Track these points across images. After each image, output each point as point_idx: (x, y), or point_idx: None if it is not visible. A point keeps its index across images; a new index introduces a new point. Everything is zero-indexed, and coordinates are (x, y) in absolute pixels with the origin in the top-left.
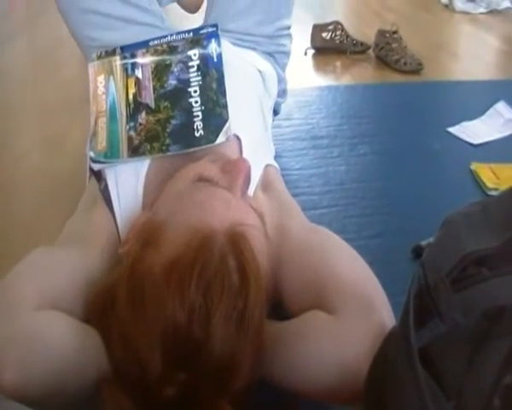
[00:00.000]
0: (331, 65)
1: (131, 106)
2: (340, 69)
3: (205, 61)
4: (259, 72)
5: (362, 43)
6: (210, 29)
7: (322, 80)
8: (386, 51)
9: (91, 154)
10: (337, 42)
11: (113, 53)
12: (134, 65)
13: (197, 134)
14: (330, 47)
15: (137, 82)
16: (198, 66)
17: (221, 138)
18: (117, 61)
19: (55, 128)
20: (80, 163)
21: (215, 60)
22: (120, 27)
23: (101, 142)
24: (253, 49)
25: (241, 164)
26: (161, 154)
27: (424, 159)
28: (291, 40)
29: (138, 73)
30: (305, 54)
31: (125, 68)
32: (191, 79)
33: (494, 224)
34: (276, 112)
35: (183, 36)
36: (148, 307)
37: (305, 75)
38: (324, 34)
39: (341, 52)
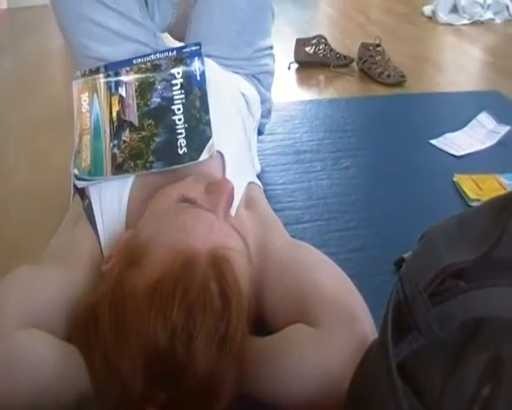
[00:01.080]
0: (315, 79)
1: (115, 124)
2: (323, 83)
3: (188, 79)
4: (243, 95)
5: (345, 57)
6: (193, 47)
7: (305, 94)
8: (369, 64)
9: (75, 171)
10: (320, 56)
11: (96, 71)
12: (118, 83)
13: (180, 151)
14: (314, 61)
15: (121, 100)
16: (181, 84)
17: (204, 155)
18: (101, 79)
19: (40, 145)
20: (65, 180)
21: (198, 78)
22: (115, 42)
23: (85, 159)
24: (236, 72)
25: (225, 185)
26: (145, 171)
27: (407, 171)
28: (274, 59)
29: (122, 91)
30: (289, 68)
31: (108, 86)
32: (175, 97)
33: (472, 236)
34: (260, 132)
35: (166, 54)
36: (130, 328)
37: (288, 90)
38: (308, 48)
39: (325, 66)
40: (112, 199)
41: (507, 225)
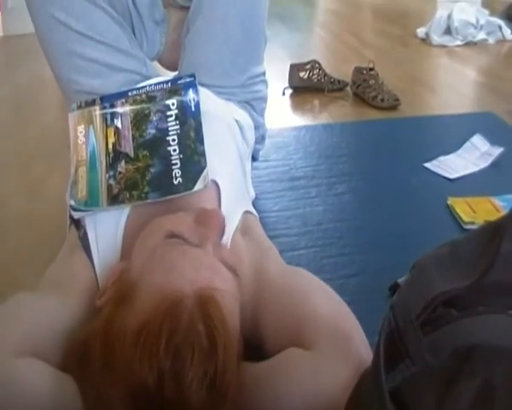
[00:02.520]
0: (309, 104)
1: (111, 155)
2: (318, 108)
3: (183, 110)
4: (236, 121)
5: (339, 81)
6: (188, 79)
7: (300, 120)
8: (363, 88)
9: (72, 202)
10: (315, 80)
11: (92, 103)
12: (113, 115)
13: (175, 182)
14: (308, 86)
15: (117, 132)
16: (176, 115)
17: (199, 185)
18: (96, 111)
19: (35, 172)
20: (61, 207)
21: (193, 109)
22: (105, 74)
23: (82, 190)
24: (229, 99)
25: (215, 217)
26: (140, 201)
27: (401, 196)
28: (267, 85)
29: (118, 122)
30: (283, 94)
31: (104, 118)
32: (169, 128)
33: (463, 263)
34: (254, 158)
35: (161, 86)
36: (119, 368)
37: (283, 115)
38: (302, 73)
39: (319, 91)
40: (107, 229)
41: (499, 251)
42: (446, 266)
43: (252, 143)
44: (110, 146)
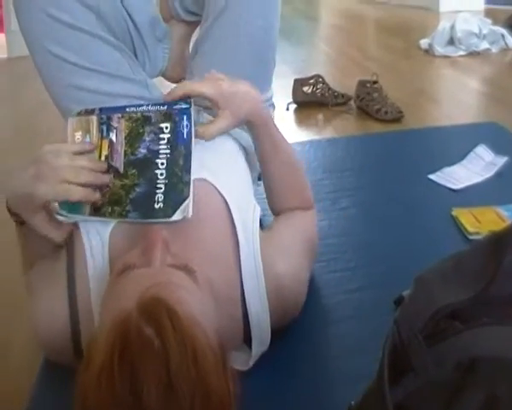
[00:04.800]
0: (313, 119)
1: None
2: (322, 122)
3: (175, 135)
4: (243, 147)
5: (343, 95)
6: (184, 105)
7: (304, 135)
8: (367, 101)
9: (55, 204)
10: (319, 95)
11: (91, 112)
12: (109, 128)
13: (156, 206)
14: (312, 101)
15: (111, 145)
16: (168, 139)
17: (178, 215)
18: (94, 122)
19: None
20: None
21: (185, 136)
22: (106, 102)
23: None
24: None
25: (154, 236)
26: (120, 219)
27: (406, 208)
28: (274, 108)
29: (113, 136)
30: (287, 109)
31: (101, 129)
32: (160, 151)
33: (466, 276)
34: (259, 177)
35: (157, 108)
36: None
37: (287, 131)
38: (306, 88)
39: (323, 105)
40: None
41: (502, 263)
42: (449, 279)
43: (257, 168)
44: (103, 158)
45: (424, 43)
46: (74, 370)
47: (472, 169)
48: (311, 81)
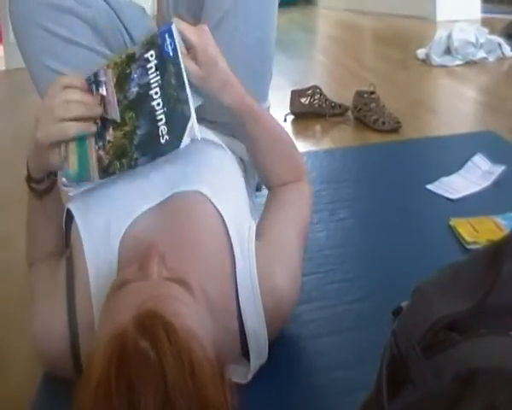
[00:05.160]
0: (311, 130)
1: (99, 125)
2: (319, 133)
3: (162, 59)
4: (241, 160)
5: (340, 106)
6: (164, 27)
7: (302, 146)
8: (364, 112)
9: (63, 179)
10: (316, 106)
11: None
12: (98, 84)
13: (162, 141)
14: (309, 111)
15: (103, 100)
16: (156, 65)
17: (185, 141)
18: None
19: None
20: None
21: (171, 54)
22: None
23: (73, 164)
24: (233, 136)
25: (150, 250)
26: (131, 170)
27: (404, 219)
28: None
29: (102, 90)
30: (285, 120)
31: (90, 89)
32: (151, 81)
33: (464, 286)
34: (257, 189)
35: (141, 41)
36: None
37: None
38: (303, 99)
39: (321, 116)
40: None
41: (500, 272)
42: (447, 290)
43: (256, 180)
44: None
45: (421, 53)
46: (74, 382)
47: (469, 178)
48: (309, 92)
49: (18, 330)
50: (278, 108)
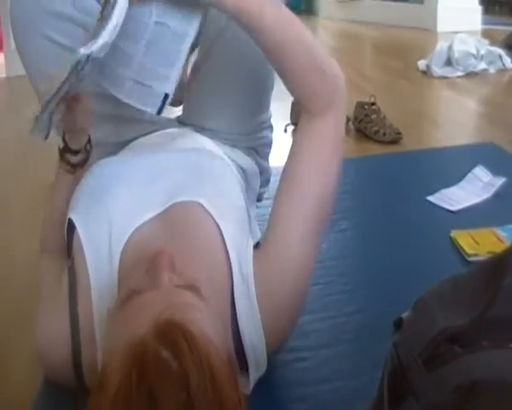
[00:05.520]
0: None
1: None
2: None
3: None
4: (242, 170)
5: None
6: None
7: None
8: (365, 123)
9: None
10: None
11: None
12: None
13: None
14: None
15: None
16: None
17: None
18: None
19: (39, 216)
20: None
21: None
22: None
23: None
24: (234, 145)
25: (159, 257)
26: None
27: (404, 231)
28: (272, 130)
29: None
30: (285, 131)
31: None
32: None
33: (466, 299)
34: (258, 199)
35: None
36: None
37: (285, 153)
38: None
39: None
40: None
41: (501, 285)
42: (448, 303)
43: (257, 190)
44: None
45: (422, 64)
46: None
47: (470, 190)
48: None
49: (19, 329)
50: (279, 119)
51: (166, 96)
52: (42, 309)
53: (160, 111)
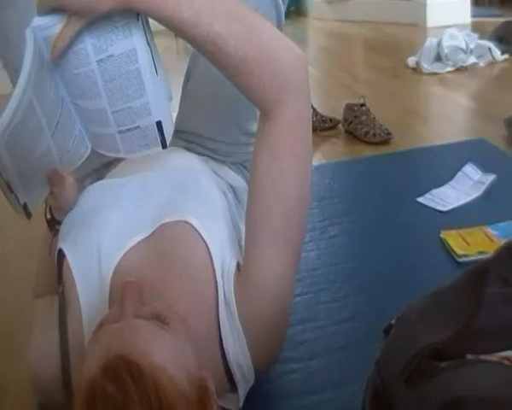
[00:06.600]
0: None
1: None
2: None
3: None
4: (231, 187)
5: (331, 119)
6: None
7: None
8: (355, 125)
9: None
10: None
11: None
12: None
13: None
14: None
15: None
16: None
17: None
18: None
19: (36, 233)
20: None
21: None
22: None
23: None
24: (224, 162)
25: (126, 286)
26: None
27: (395, 233)
28: None
29: None
30: None
31: None
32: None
33: (448, 313)
34: None
35: None
36: None
37: None
38: None
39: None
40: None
41: (484, 296)
42: (431, 317)
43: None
44: None
45: (411, 61)
46: None
47: (460, 189)
48: None
49: (14, 356)
50: None
51: (159, 123)
52: (33, 337)
53: (163, 143)
